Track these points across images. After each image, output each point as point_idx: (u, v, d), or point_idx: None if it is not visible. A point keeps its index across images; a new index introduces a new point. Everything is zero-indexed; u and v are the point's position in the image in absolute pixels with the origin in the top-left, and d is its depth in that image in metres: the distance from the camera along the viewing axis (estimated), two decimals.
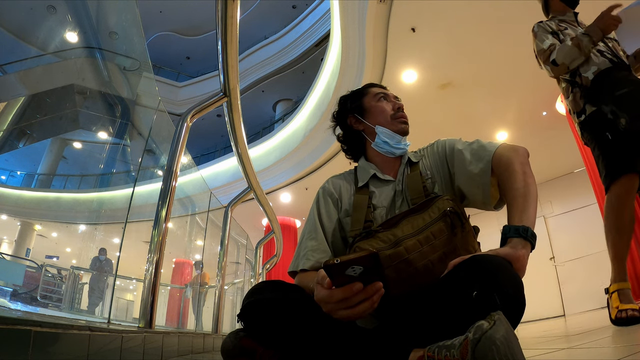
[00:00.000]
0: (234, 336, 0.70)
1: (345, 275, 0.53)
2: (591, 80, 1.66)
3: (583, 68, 1.69)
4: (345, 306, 0.61)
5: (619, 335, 1.25)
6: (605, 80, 1.62)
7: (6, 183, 11.07)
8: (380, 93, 1.04)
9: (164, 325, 7.38)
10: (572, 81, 1.73)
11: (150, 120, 5.17)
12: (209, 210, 4.96)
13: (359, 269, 0.52)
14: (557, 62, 1.69)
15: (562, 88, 1.80)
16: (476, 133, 5.33)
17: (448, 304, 0.63)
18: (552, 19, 1.90)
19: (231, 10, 1.39)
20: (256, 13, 14.42)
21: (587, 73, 1.67)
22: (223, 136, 12.80)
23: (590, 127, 1.66)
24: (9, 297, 4.97)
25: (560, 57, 1.68)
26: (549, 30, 1.79)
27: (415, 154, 1.00)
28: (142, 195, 3.85)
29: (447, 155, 0.93)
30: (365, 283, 0.56)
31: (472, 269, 0.63)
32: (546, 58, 1.73)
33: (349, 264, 0.51)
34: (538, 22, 1.85)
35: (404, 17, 3.74)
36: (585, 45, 1.65)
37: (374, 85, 1.08)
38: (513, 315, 0.57)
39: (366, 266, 0.52)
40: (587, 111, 1.66)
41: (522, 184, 0.78)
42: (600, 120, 1.61)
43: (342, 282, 0.56)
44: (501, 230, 0.73)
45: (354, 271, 0.53)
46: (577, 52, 1.65)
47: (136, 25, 5.12)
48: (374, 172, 0.96)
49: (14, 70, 4.85)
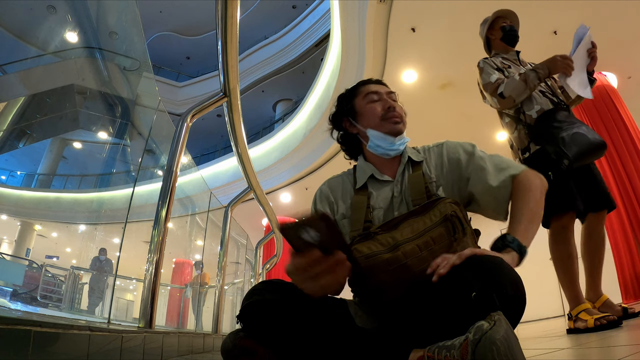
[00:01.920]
0: (234, 336, 0.70)
1: (303, 240, 0.53)
2: (535, 119, 1.74)
3: (527, 106, 1.77)
4: (308, 276, 0.60)
5: (619, 335, 1.25)
6: (549, 121, 1.70)
7: (6, 183, 11.07)
8: (370, 93, 0.99)
9: (164, 325, 7.38)
10: (516, 118, 1.82)
11: (150, 120, 5.17)
12: (209, 210, 4.96)
13: (315, 235, 0.52)
14: (504, 95, 1.75)
15: (506, 123, 1.88)
16: (476, 133, 5.33)
17: (447, 305, 0.63)
18: (495, 56, 1.97)
19: (231, 10, 1.39)
20: (256, 13, 14.42)
21: (530, 111, 1.76)
22: (223, 136, 12.79)
23: (534, 165, 1.72)
24: (9, 297, 4.97)
25: (507, 90, 1.74)
26: (494, 67, 1.86)
27: (416, 152, 0.97)
28: (142, 195, 3.85)
29: (462, 160, 0.90)
30: (326, 252, 0.56)
31: (471, 270, 0.63)
32: (493, 90, 1.78)
33: (301, 225, 0.51)
34: (483, 59, 1.92)
35: (404, 17, 3.74)
36: (532, 81, 1.72)
37: (366, 82, 1.04)
38: (513, 314, 0.57)
39: (321, 231, 0.52)
40: (532, 149, 1.76)
41: (535, 210, 0.81)
42: (543, 159, 1.69)
43: (301, 249, 0.56)
44: (500, 236, 0.73)
45: (311, 237, 0.52)
46: (523, 87, 1.72)
47: (136, 25, 5.12)
48: (372, 172, 0.94)
49: (14, 70, 4.85)
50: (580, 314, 1.64)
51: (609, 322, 1.51)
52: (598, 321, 1.53)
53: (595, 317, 1.56)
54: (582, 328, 1.60)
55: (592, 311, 1.64)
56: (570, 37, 1.84)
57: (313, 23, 12.04)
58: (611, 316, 1.53)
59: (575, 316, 1.67)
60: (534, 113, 1.75)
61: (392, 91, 1.01)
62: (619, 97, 3.76)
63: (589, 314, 1.61)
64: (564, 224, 1.71)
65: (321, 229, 0.51)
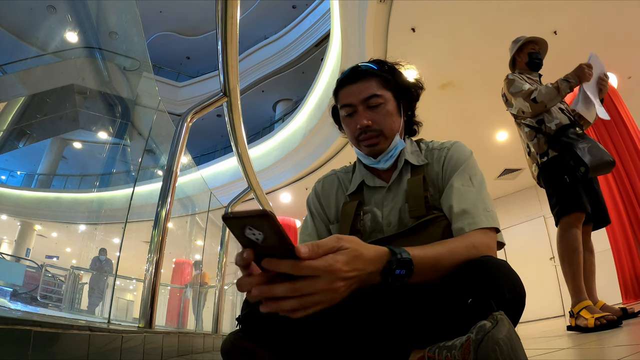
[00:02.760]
0: (234, 337, 0.70)
1: (247, 238, 0.46)
2: (554, 130, 1.94)
3: (547, 118, 1.97)
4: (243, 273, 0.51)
5: (619, 335, 1.25)
6: (568, 133, 1.90)
7: (6, 183, 11.07)
8: (344, 106, 0.85)
9: (164, 325, 7.38)
10: (537, 128, 2.00)
11: (150, 120, 5.18)
12: (209, 210, 4.96)
13: (259, 234, 0.46)
14: (537, 100, 1.93)
15: (525, 132, 2.07)
16: (476, 133, 5.33)
17: (445, 309, 0.63)
18: (520, 73, 2.16)
19: (231, 10, 1.39)
20: (256, 13, 14.42)
21: (550, 124, 1.96)
22: (223, 136, 12.79)
23: (550, 168, 1.96)
24: (9, 297, 4.97)
25: (540, 96, 1.93)
26: (524, 80, 2.06)
27: (418, 154, 0.88)
28: (142, 195, 3.85)
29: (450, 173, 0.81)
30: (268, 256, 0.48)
31: (468, 275, 0.62)
32: (527, 96, 1.96)
33: (242, 218, 0.45)
34: (511, 73, 2.15)
35: (404, 17, 3.74)
36: (563, 89, 1.91)
37: (341, 84, 0.87)
38: (511, 315, 0.57)
39: (264, 231, 0.45)
40: (550, 155, 1.96)
41: (446, 254, 0.65)
42: (560, 164, 1.90)
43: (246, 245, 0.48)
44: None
45: (254, 235, 0.46)
46: (555, 93, 1.91)
47: (136, 25, 5.12)
48: (363, 178, 0.88)
49: (14, 70, 4.85)
50: (582, 311, 1.67)
51: (609, 321, 1.54)
52: (598, 321, 1.56)
53: (596, 317, 1.58)
54: (583, 327, 1.63)
55: (593, 309, 1.66)
56: (571, 37, 1.87)
57: (313, 23, 12.05)
58: (611, 316, 1.56)
59: (576, 313, 1.70)
60: (553, 125, 1.94)
61: (371, 95, 0.82)
62: (619, 97, 3.76)
63: (590, 312, 1.63)
64: (572, 220, 1.86)
65: (265, 229, 0.45)
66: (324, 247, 0.50)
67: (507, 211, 6.94)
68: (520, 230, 6.67)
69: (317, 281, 0.49)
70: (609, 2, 3.40)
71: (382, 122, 0.82)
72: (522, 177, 6.54)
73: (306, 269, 0.48)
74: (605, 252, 3.98)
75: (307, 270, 0.48)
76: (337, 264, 0.50)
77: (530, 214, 6.74)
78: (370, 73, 0.84)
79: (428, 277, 0.62)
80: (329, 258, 0.50)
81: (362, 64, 0.87)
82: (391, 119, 0.84)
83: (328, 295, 0.50)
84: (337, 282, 0.50)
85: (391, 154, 0.84)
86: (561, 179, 1.90)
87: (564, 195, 1.91)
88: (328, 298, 0.50)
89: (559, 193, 1.93)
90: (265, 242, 0.46)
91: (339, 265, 0.50)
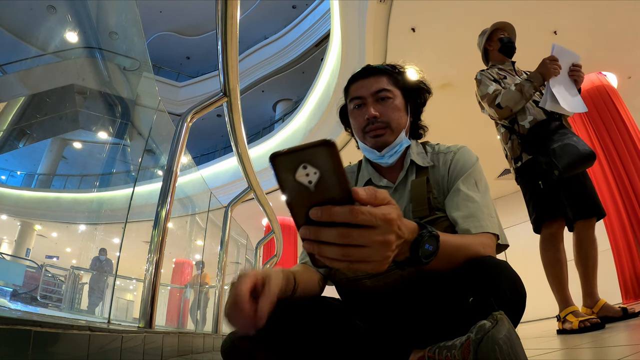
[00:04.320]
0: (234, 337, 0.70)
1: (297, 183, 0.40)
2: (528, 129, 1.83)
3: (520, 117, 1.86)
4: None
5: (619, 335, 1.25)
6: (542, 132, 1.79)
7: (6, 183, 11.07)
8: (354, 98, 0.88)
9: (164, 325, 7.38)
10: (510, 128, 1.90)
11: (150, 120, 5.17)
12: (209, 210, 4.96)
13: (314, 174, 0.39)
14: (502, 106, 1.83)
15: (501, 134, 1.97)
16: (476, 133, 5.32)
17: (445, 308, 0.63)
18: (492, 67, 2.06)
19: (231, 10, 1.39)
20: (256, 13, 14.43)
21: (524, 122, 1.85)
22: (223, 136, 12.80)
23: (525, 173, 1.87)
24: (9, 297, 4.97)
25: (504, 101, 1.82)
26: (491, 78, 1.94)
27: (423, 156, 0.88)
28: (142, 195, 3.85)
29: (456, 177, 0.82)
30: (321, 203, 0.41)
31: (469, 274, 0.62)
32: (491, 101, 1.87)
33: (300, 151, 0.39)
34: (480, 71, 2.00)
35: (404, 17, 3.74)
36: (527, 90, 1.79)
37: (353, 79, 0.90)
38: (512, 315, 0.57)
39: (322, 167, 0.39)
40: (524, 159, 1.85)
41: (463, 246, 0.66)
42: (534, 168, 1.80)
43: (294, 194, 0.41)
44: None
45: (308, 177, 0.39)
46: (519, 96, 1.80)
47: (136, 25, 5.12)
48: (370, 177, 0.90)
49: (14, 70, 4.85)
50: (568, 315, 1.70)
51: (593, 324, 1.57)
52: (582, 323, 1.59)
53: (580, 319, 1.61)
54: (569, 329, 1.66)
55: (579, 313, 1.69)
56: (571, 37, 1.85)
57: (313, 23, 12.04)
58: (595, 319, 1.59)
59: (563, 318, 1.73)
60: (527, 123, 1.83)
61: (380, 88, 0.85)
62: (619, 97, 3.76)
63: (575, 316, 1.67)
64: (553, 231, 1.82)
65: (324, 165, 0.39)
66: (381, 194, 0.45)
67: (507, 211, 6.93)
68: (520, 230, 6.65)
69: (373, 232, 0.43)
70: (609, 2, 3.40)
71: (389, 114, 0.84)
72: None
73: (367, 215, 0.42)
74: (605, 252, 3.99)
75: (367, 216, 0.42)
76: (393, 214, 0.45)
77: None
78: (381, 70, 0.88)
79: (444, 265, 0.61)
80: (385, 207, 0.45)
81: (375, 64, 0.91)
82: (399, 114, 0.85)
83: (380, 250, 0.44)
84: (391, 234, 0.45)
85: (396, 149, 0.85)
86: (535, 185, 1.82)
87: (540, 202, 1.84)
88: (379, 256, 0.45)
89: (535, 200, 1.85)
90: (320, 185, 0.40)
91: (395, 217, 0.45)
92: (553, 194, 1.80)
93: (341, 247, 0.43)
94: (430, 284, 0.67)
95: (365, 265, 0.45)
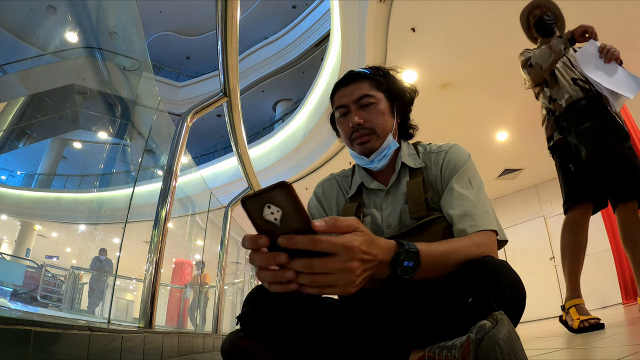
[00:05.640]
0: (234, 336, 0.70)
1: (265, 221, 0.45)
2: (564, 108, 1.76)
3: (558, 95, 1.80)
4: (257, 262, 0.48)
5: (619, 335, 1.25)
6: (574, 112, 1.72)
7: (6, 183, 11.07)
8: (338, 107, 0.87)
9: (164, 325, 7.38)
10: (549, 109, 1.85)
11: (150, 120, 5.17)
12: (209, 210, 4.96)
13: (277, 212, 0.44)
14: (532, 64, 1.81)
15: (542, 116, 1.93)
16: (476, 133, 5.33)
17: (445, 308, 0.63)
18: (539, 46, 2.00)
19: (231, 10, 1.39)
20: (256, 13, 14.43)
21: (561, 100, 1.79)
22: (223, 136, 12.79)
23: (556, 154, 1.84)
24: (9, 297, 4.97)
25: (534, 59, 1.81)
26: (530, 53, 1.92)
27: (415, 157, 0.88)
28: (142, 195, 3.84)
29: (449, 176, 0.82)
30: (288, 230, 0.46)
31: (469, 274, 0.62)
32: (524, 64, 1.86)
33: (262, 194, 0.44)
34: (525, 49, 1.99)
35: (404, 17, 3.74)
36: (555, 44, 1.76)
37: (337, 87, 0.89)
38: (512, 315, 0.57)
39: (283, 205, 0.44)
40: (555, 138, 1.82)
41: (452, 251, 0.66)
42: (565, 150, 1.77)
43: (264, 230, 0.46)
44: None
45: (273, 215, 0.44)
46: (548, 52, 1.77)
47: (136, 25, 5.12)
48: (362, 180, 0.89)
49: (14, 70, 4.85)
50: (571, 309, 1.67)
51: (592, 325, 1.55)
52: (582, 323, 1.57)
53: (581, 319, 1.59)
54: (569, 326, 1.64)
55: (582, 308, 1.66)
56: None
57: (313, 23, 12.05)
58: (594, 320, 1.57)
59: (567, 308, 1.70)
60: (563, 102, 1.76)
61: (362, 95, 0.84)
62: None
63: (577, 313, 1.63)
64: (575, 216, 1.74)
65: (283, 204, 0.44)
66: (343, 223, 0.49)
67: (507, 211, 6.93)
68: (520, 230, 6.67)
69: (334, 259, 0.47)
70: (609, 2, 3.40)
71: (373, 120, 0.84)
72: (522, 177, 6.54)
73: (325, 243, 0.46)
74: (605, 252, 3.99)
75: (325, 244, 0.46)
76: (354, 242, 0.48)
77: (530, 214, 6.73)
78: (362, 76, 0.87)
79: (433, 274, 0.62)
80: (347, 236, 0.48)
81: (357, 69, 0.89)
82: (383, 118, 0.85)
83: (344, 276, 0.48)
84: (353, 261, 0.48)
85: (384, 154, 0.85)
86: (567, 167, 1.76)
87: (569, 186, 1.76)
88: (343, 281, 0.48)
89: (565, 183, 1.79)
90: (284, 221, 0.45)
91: (357, 244, 0.48)
92: (583, 177, 1.71)
93: (308, 275, 0.47)
94: (429, 285, 0.67)
95: (333, 289, 0.49)
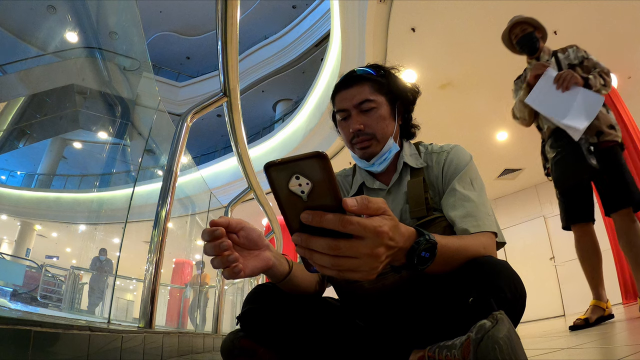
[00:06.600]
0: (234, 336, 0.70)
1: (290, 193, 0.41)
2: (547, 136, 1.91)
3: (542, 124, 1.93)
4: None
5: (619, 335, 1.25)
6: (550, 143, 1.87)
7: (6, 183, 11.06)
8: (339, 111, 0.87)
9: (164, 325, 7.38)
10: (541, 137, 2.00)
11: (150, 120, 5.17)
12: (209, 210, 4.96)
13: (306, 185, 0.40)
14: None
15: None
16: (476, 133, 5.33)
17: (446, 308, 0.63)
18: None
19: (231, 10, 1.39)
20: (256, 13, 14.43)
21: (544, 129, 1.92)
22: (223, 136, 12.80)
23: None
24: (9, 297, 4.96)
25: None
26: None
27: (416, 157, 0.88)
28: (142, 195, 3.84)
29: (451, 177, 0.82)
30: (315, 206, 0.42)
31: (469, 274, 0.62)
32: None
33: (293, 162, 0.39)
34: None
35: (404, 17, 3.74)
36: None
37: (337, 89, 0.88)
38: (512, 315, 0.57)
39: (314, 178, 0.40)
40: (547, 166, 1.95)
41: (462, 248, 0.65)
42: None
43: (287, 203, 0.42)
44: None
45: (300, 187, 0.40)
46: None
47: (136, 25, 5.12)
48: (363, 180, 0.90)
49: (14, 70, 4.85)
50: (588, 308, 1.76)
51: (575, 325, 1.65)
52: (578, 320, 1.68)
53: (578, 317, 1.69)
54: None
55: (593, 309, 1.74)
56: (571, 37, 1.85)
57: (313, 23, 12.05)
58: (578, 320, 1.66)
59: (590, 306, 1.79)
60: (546, 131, 1.92)
61: (363, 99, 0.83)
62: (619, 97, 3.76)
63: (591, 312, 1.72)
64: (584, 229, 1.86)
65: (315, 176, 0.40)
66: (374, 204, 0.45)
67: (507, 211, 6.93)
68: (520, 230, 6.67)
69: (361, 243, 0.44)
70: (609, 2, 3.40)
71: (374, 125, 0.83)
72: (522, 177, 6.54)
73: (355, 225, 0.43)
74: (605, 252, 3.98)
75: (356, 227, 0.43)
76: (385, 227, 0.45)
77: (530, 214, 6.74)
78: (364, 78, 0.85)
79: (442, 268, 0.61)
80: (377, 219, 0.45)
81: (358, 68, 0.88)
82: (384, 123, 0.84)
83: (368, 262, 0.45)
84: (380, 247, 0.45)
85: (384, 157, 0.85)
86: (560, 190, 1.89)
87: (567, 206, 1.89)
88: (367, 267, 0.45)
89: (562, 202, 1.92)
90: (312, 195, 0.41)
91: (386, 229, 0.45)
92: (579, 198, 1.83)
93: (330, 257, 0.44)
94: (429, 284, 0.67)
95: (354, 274, 0.46)
